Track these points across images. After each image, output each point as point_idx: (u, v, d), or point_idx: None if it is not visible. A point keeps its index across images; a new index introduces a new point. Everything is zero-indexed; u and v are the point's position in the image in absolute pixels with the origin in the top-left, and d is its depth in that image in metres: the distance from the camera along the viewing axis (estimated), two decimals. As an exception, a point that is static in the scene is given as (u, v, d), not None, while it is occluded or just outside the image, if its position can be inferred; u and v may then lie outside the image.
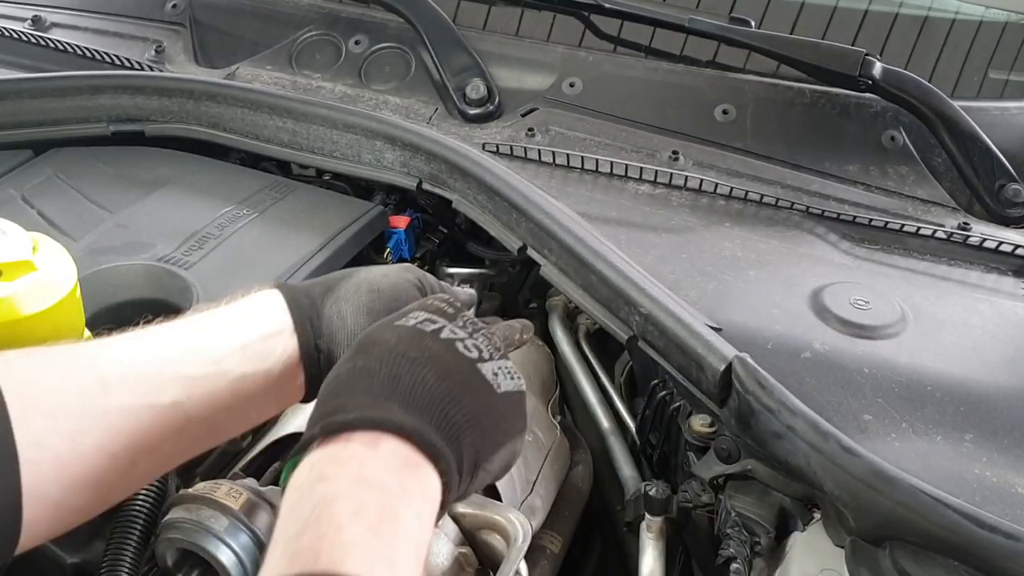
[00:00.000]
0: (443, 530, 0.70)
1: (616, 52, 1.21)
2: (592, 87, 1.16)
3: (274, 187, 1.09)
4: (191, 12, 1.34)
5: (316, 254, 0.97)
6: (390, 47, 1.25)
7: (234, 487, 0.73)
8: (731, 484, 0.80)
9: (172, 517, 0.71)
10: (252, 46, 1.29)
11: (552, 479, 0.89)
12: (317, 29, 1.28)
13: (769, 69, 1.15)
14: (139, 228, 1.00)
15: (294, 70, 1.25)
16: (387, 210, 1.09)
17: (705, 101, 1.13)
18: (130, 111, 1.17)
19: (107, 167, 1.12)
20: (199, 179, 1.10)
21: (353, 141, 1.08)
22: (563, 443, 0.92)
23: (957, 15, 1.21)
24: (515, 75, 1.20)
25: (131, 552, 0.71)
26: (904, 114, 1.08)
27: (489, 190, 0.96)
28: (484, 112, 1.14)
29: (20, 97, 1.16)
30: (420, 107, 1.18)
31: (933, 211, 1.04)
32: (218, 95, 1.13)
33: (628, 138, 1.10)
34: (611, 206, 1.00)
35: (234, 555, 0.70)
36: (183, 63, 1.28)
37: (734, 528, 0.77)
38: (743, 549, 0.76)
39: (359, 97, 1.20)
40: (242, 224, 1.01)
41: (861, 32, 1.20)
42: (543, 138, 1.11)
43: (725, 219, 0.99)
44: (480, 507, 0.73)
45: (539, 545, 0.87)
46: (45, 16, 1.37)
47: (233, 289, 0.68)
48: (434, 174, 1.05)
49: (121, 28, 1.35)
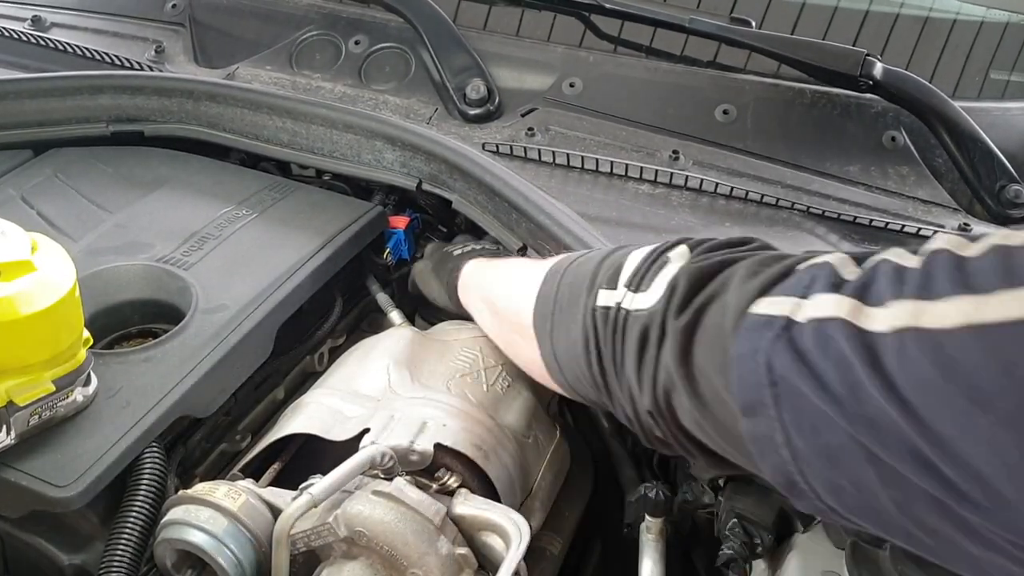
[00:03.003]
0: (442, 531, 0.70)
1: (616, 52, 1.21)
2: (592, 87, 1.16)
3: (274, 187, 1.09)
4: (191, 12, 1.34)
5: (316, 254, 0.97)
6: (390, 47, 1.25)
7: (233, 488, 0.73)
8: (731, 485, 0.80)
9: (171, 518, 0.71)
10: (252, 46, 1.29)
11: (552, 480, 0.89)
12: (317, 29, 1.28)
13: (770, 69, 1.14)
14: (138, 228, 1.00)
15: (294, 70, 1.25)
16: (387, 210, 1.09)
17: (706, 101, 1.13)
18: (130, 111, 1.16)
19: (107, 167, 1.12)
20: (198, 179, 1.10)
21: (353, 141, 1.08)
22: (563, 444, 0.92)
23: (958, 15, 1.21)
24: (515, 75, 1.19)
25: (130, 553, 0.71)
26: (905, 115, 1.07)
27: (489, 190, 0.96)
28: (484, 112, 1.14)
29: (20, 97, 1.16)
30: (420, 107, 1.18)
31: (934, 212, 1.04)
32: (218, 95, 1.13)
33: (628, 138, 1.10)
34: (611, 206, 1.00)
35: (233, 556, 0.70)
36: (183, 63, 1.28)
37: (734, 530, 0.77)
38: (743, 550, 0.76)
39: (359, 97, 1.20)
40: (242, 224, 1.01)
41: (862, 32, 1.20)
42: (543, 138, 1.11)
43: (725, 219, 0.99)
44: (479, 508, 0.73)
45: (538, 546, 0.87)
46: (45, 16, 1.37)
47: (232, 289, 0.68)
48: (434, 174, 1.04)
49: (121, 28, 1.35)
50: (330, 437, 0.79)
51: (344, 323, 1.06)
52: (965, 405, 0.39)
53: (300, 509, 0.68)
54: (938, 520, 0.42)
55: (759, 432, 0.49)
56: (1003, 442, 0.38)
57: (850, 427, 0.43)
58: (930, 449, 0.40)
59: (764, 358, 0.48)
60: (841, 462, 0.45)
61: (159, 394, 0.79)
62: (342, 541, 0.70)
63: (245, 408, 0.93)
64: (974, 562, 0.42)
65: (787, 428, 0.47)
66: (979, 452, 0.39)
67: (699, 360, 0.54)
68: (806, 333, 0.46)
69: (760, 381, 0.48)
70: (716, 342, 0.52)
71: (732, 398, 0.50)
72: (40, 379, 0.71)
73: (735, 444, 0.53)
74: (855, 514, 0.47)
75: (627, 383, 0.61)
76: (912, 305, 0.42)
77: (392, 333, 0.96)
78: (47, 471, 0.72)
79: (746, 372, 0.49)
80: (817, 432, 0.45)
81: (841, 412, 0.44)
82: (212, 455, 0.88)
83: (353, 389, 0.86)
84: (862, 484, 0.44)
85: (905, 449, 0.41)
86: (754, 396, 0.48)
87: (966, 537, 0.41)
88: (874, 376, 0.42)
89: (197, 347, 0.84)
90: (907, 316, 0.42)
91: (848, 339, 0.44)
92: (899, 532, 0.45)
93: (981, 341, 0.39)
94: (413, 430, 0.78)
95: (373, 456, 0.73)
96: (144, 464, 0.75)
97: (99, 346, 0.87)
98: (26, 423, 0.72)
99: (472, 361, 0.89)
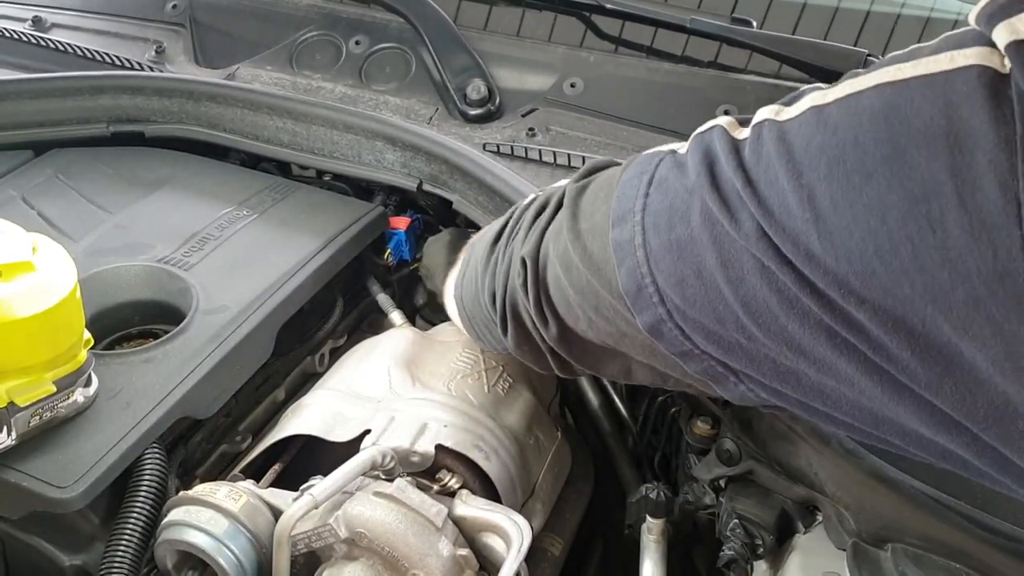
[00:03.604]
0: (443, 532, 0.70)
1: (617, 53, 1.21)
2: (593, 87, 1.16)
3: (274, 188, 1.09)
4: (191, 12, 1.34)
5: (316, 255, 0.97)
6: (390, 47, 1.25)
7: (234, 489, 0.73)
8: (732, 486, 0.80)
9: (172, 519, 0.71)
10: (252, 46, 1.29)
11: (553, 481, 0.89)
12: (317, 29, 1.28)
13: (771, 70, 1.14)
14: (139, 229, 1.00)
15: (294, 70, 1.25)
16: (387, 211, 1.09)
17: (707, 102, 1.12)
18: (130, 112, 1.16)
19: (107, 168, 1.12)
20: (199, 180, 1.10)
21: (353, 142, 1.08)
22: (564, 445, 0.92)
23: (959, 16, 1.21)
24: (516, 75, 1.19)
25: (131, 554, 0.71)
26: (906, 115, 1.07)
27: (490, 191, 0.96)
28: (485, 112, 1.14)
29: (21, 98, 1.16)
30: (420, 107, 1.17)
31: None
32: (218, 95, 1.13)
33: (629, 138, 1.10)
34: (612, 207, 0.99)
35: (233, 557, 0.70)
36: (183, 64, 1.28)
37: (735, 530, 0.77)
38: (744, 551, 0.76)
39: (359, 97, 1.20)
40: (242, 225, 1.01)
41: (863, 33, 1.19)
42: (544, 138, 1.11)
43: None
44: (480, 509, 0.73)
45: (540, 547, 0.87)
46: (46, 17, 1.37)
47: (233, 290, 0.68)
48: (434, 175, 1.04)
49: (121, 29, 1.35)
50: (331, 438, 0.79)
51: (345, 324, 1.06)
52: (791, 171, 0.43)
53: (301, 510, 0.68)
54: (762, 293, 0.45)
55: (622, 238, 0.53)
56: (817, 195, 0.42)
57: (701, 213, 0.48)
58: (761, 216, 0.44)
59: (648, 176, 0.53)
60: (688, 251, 0.49)
61: (160, 395, 0.79)
62: (343, 542, 0.70)
63: (246, 409, 0.93)
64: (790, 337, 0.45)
65: (646, 229, 0.51)
66: (796, 212, 0.42)
67: (587, 206, 0.58)
68: (689, 144, 0.52)
69: (637, 192, 0.53)
70: (606, 185, 0.58)
71: (610, 215, 0.54)
72: (41, 380, 0.71)
73: (597, 269, 0.55)
74: (695, 308, 0.50)
75: (511, 248, 0.66)
76: (772, 107, 0.47)
77: (393, 334, 0.96)
78: (48, 472, 0.72)
79: (628, 189, 0.54)
80: (671, 226, 0.50)
81: (697, 197, 0.48)
82: (213, 456, 0.88)
83: (354, 390, 0.86)
84: (703, 270, 0.48)
85: (746, 225, 0.45)
86: (627, 207, 0.53)
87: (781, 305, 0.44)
88: (731, 161, 0.47)
89: (198, 348, 0.84)
90: (766, 113, 0.47)
91: (720, 139, 0.49)
92: (732, 325, 0.48)
93: (818, 115, 0.44)
94: (414, 431, 0.78)
95: (374, 457, 0.73)
96: (145, 465, 0.75)
97: (100, 347, 0.87)
98: (27, 424, 0.72)
99: (473, 362, 0.89)
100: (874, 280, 0.40)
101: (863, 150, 0.40)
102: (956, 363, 0.39)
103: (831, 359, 0.44)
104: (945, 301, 0.38)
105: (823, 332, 0.44)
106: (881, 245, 0.40)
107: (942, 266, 0.38)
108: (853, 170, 0.41)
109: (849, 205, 0.40)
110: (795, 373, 0.47)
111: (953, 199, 0.37)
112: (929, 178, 0.38)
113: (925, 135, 0.38)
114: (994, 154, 0.36)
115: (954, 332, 0.39)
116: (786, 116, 0.46)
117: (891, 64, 0.42)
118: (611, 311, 0.56)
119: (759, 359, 0.49)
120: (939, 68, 0.39)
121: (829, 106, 0.44)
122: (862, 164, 0.40)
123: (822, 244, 0.41)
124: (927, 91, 0.39)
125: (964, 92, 0.37)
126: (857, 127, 0.41)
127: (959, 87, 0.38)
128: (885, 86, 0.41)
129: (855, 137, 0.41)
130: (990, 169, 0.36)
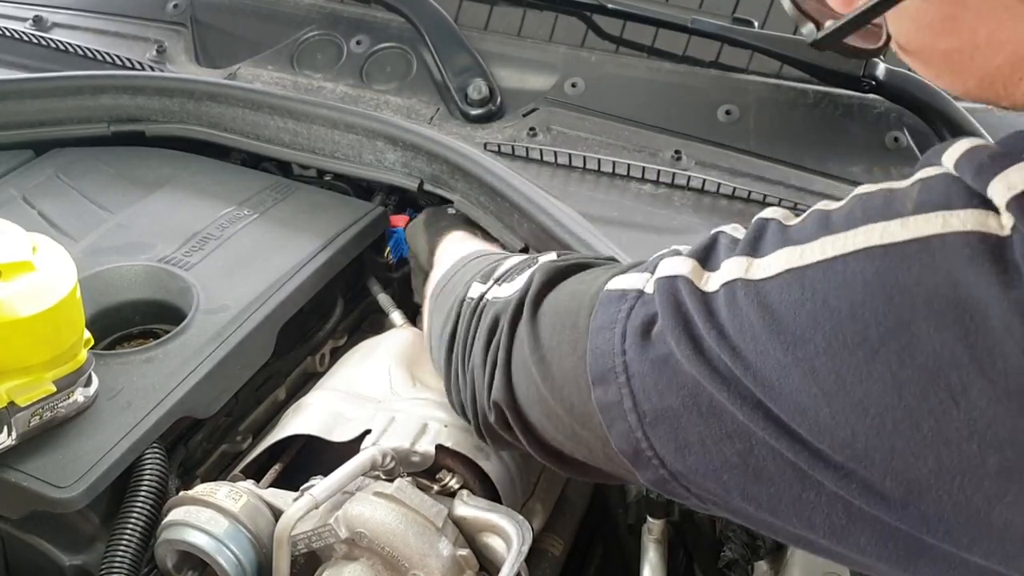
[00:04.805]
0: (443, 532, 0.70)
1: (619, 52, 1.21)
2: (594, 87, 1.16)
3: (275, 188, 1.09)
4: (192, 12, 1.34)
5: (317, 255, 0.97)
6: (391, 47, 1.24)
7: (234, 489, 0.73)
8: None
9: (172, 519, 0.71)
10: (253, 46, 1.29)
11: (553, 481, 0.89)
12: (318, 29, 1.28)
13: (772, 70, 1.14)
14: (139, 229, 1.00)
15: (295, 70, 1.25)
16: (388, 211, 1.09)
17: (708, 101, 1.12)
18: (131, 111, 1.16)
19: (108, 167, 1.12)
20: (200, 179, 1.10)
21: (354, 141, 1.08)
22: (564, 445, 0.92)
23: (961, 15, 1.20)
24: (517, 75, 1.19)
25: (131, 554, 0.71)
26: (908, 115, 1.07)
27: (491, 191, 0.96)
28: (486, 112, 1.14)
29: (21, 97, 1.16)
30: (421, 107, 1.17)
31: (936, 212, 1.04)
32: (219, 95, 1.13)
33: (630, 138, 1.10)
34: (613, 206, 0.99)
35: (233, 557, 0.70)
36: (184, 63, 1.28)
37: (736, 531, 0.77)
38: (745, 552, 0.76)
39: (360, 97, 1.20)
40: (243, 225, 1.01)
41: (864, 32, 1.19)
42: (545, 138, 1.11)
43: (728, 219, 0.98)
44: (481, 509, 0.73)
45: (540, 548, 0.87)
46: (46, 16, 1.37)
47: (234, 290, 0.68)
48: (435, 175, 1.04)
49: (122, 28, 1.35)
50: (331, 438, 0.79)
51: (345, 324, 1.06)
52: (785, 342, 0.41)
53: (301, 510, 0.68)
54: (773, 465, 0.43)
55: (609, 400, 0.51)
56: (820, 370, 0.40)
57: (693, 385, 0.46)
58: (760, 390, 0.42)
59: (620, 328, 0.50)
60: (685, 420, 0.46)
61: (160, 395, 0.79)
62: (343, 542, 0.70)
63: (246, 409, 0.93)
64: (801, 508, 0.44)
65: (635, 393, 0.49)
66: (799, 385, 0.41)
67: (549, 339, 0.56)
68: (656, 294, 0.49)
69: (613, 349, 0.50)
70: (569, 319, 0.55)
71: (586, 370, 0.52)
72: (41, 380, 0.71)
73: (582, 421, 0.54)
74: (699, 475, 0.48)
75: (472, 368, 0.65)
76: (738, 260, 0.45)
77: (393, 334, 0.96)
78: (48, 472, 0.71)
79: (601, 342, 0.51)
80: (661, 395, 0.47)
81: (684, 368, 0.46)
82: (213, 456, 0.88)
83: (354, 390, 0.86)
84: (705, 440, 0.46)
85: (739, 395, 0.43)
86: (606, 364, 0.50)
87: (795, 477, 0.43)
88: (709, 328, 0.45)
89: (198, 348, 0.84)
90: (734, 269, 0.45)
91: (689, 296, 0.47)
92: (737, 491, 0.46)
93: (799, 280, 0.42)
94: (414, 431, 0.78)
95: (374, 457, 0.73)
96: (145, 465, 0.75)
97: (100, 347, 0.87)
98: (27, 424, 0.72)
99: (473, 362, 0.89)
100: (895, 454, 0.39)
101: (863, 323, 0.39)
102: (986, 528, 0.38)
103: (846, 528, 0.43)
104: (976, 473, 0.37)
105: (839, 503, 0.42)
106: (900, 421, 0.38)
107: (970, 438, 0.37)
108: (855, 344, 0.39)
109: (859, 381, 0.39)
110: (802, 538, 0.46)
111: (973, 369, 0.36)
112: (942, 350, 0.37)
113: (930, 306, 0.37)
114: (1008, 319, 0.35)
115: (985, 502, 0.37)
116: (759, 275, 0.44)
117: (870, 222, 0.40)
118: (602, 456, 0.55)
119: (763, 525, 0.47)
120: (931, 231, 0.38)
121: (810, 269, 0.41)
122: (864, 338, 0.39)
123: (835, 420, 0.40)
124: (924, 257, 0.38)
125: (965, 257, 0.36)
126: (851, 297, 0.39)
127: (959, 252, 0.37)
128: (874, 251, 0.39)
129: (851, 309, 0.39)
130: (1008, 335, 0.35)
